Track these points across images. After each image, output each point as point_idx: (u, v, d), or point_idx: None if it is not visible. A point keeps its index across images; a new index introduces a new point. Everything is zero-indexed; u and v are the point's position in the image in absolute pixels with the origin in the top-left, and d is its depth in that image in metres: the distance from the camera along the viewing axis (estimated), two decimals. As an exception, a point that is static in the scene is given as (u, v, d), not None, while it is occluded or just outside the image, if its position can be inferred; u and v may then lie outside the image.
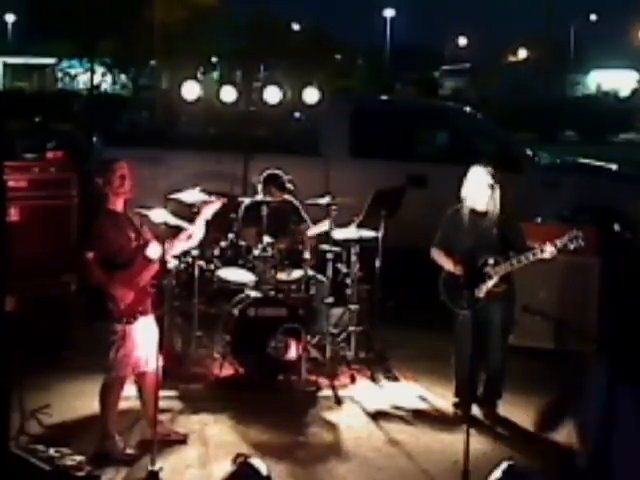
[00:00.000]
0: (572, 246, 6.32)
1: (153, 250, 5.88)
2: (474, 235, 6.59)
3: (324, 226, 7.76)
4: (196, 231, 6.03)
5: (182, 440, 6.13)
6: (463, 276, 6.51)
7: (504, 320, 6.69)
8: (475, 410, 6.64)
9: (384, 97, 19.03)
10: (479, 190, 6.61)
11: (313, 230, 7.93)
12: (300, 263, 7.64)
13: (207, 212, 6.13)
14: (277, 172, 8.15)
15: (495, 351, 6.68)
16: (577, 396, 6.00)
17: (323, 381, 7.26)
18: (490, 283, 6.49)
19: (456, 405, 6.81)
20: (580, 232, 6.33)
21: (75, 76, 49.63)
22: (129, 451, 5.87)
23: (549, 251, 6.36)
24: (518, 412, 6.85)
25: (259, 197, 8.02)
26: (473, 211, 6.63)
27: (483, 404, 6.75)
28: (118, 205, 5.92)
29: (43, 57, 51.18)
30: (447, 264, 6.64)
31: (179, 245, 6.03)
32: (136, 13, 37.35)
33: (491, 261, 6.48)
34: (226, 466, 5.29)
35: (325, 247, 7.67)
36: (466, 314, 6.52)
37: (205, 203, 6.48)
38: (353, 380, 7.37)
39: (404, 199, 8.11)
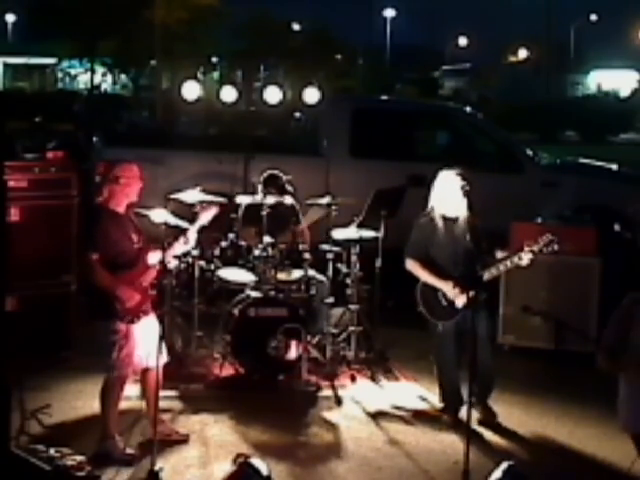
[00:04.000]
0: (547, 250, 6.23)
1: (153, 257, 5.90)
2: (449, 242, 6.50)
3: (312, 216, 7.75)
4: (191, 235, 6.04)
5: (183, 440, 6.13)
6: (454, 287, 6.42)
7: (489, 328, 6.64)
8: (462, 413, 6.55)
9: (384, 97, 19.04)
10: (452, 196, 6.50)
11: (306, 220, 7.90)
12: (300, 263, 7.64)
13: (204, 218, 6.14)
14: (277, 173, 8.15)
15: (485, 359, 6.50)
16: None
17: (323, 381, 7.26)
18: (470, 293, 6.34)
19: (443, 410, 6.76)
20: (555, 237, 6.25)
21: (75, 76, 49.79)
22: (129, 451, 5.86)
23: (526, 258, 6.28)
24: (518, 412, 6.85)
25: (259, 197, 8.01)
26: (444, 217, 6.53)
27: (480, 409, 6.66)
28: (121, 206, 5.91)
29: (43, 57, 51.31)
30: (427, 277, 6.53)
31: (177, 248, 6.05)
32: (136, 13, 37.41)
33: (470, 271, 6.37)
34: (226, 466, 5.30)
35: (325, 247, 7.68)
36: (446, 325, 6.49)
37: (202, 208, 6.48)
38: (353, 380, 7.37)
39: (404, 199, 8.11)
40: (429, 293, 6.57)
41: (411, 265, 6.63)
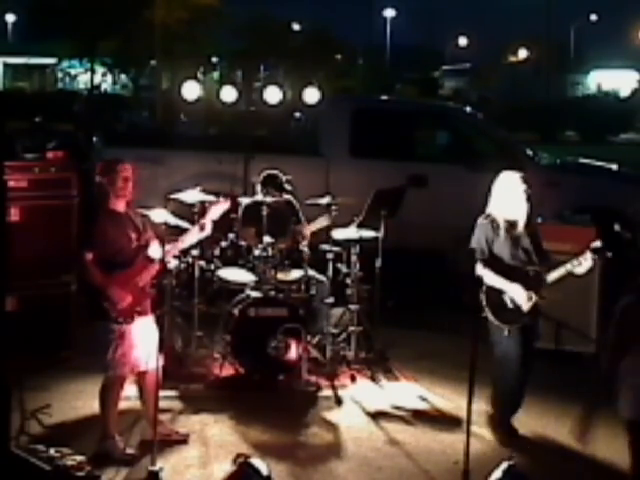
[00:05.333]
0: (608, 254, 6.11)
1: (154, 250, 5.88)
2: (512, 246, 6.31)
3: (321, 223, 7.75)
4: (207, 223, 5.99)
5: (183, 440, 6.12)
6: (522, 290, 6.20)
7: (539, 332, 6.51)
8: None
9: (384, 97, 19.03)
10: (514, 198, 6.32)
11: (311, 227, 7.91)
12: (300, 263, 7.64)
13: (215, 212, 6.11)
14: (275, 173, 8.15)
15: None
16: None
17: (323, 381, 7.26)
18: (534, 296, 6.22)
19: (492, 416, 6.52)
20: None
21: (75, 76, 49.80)
22: (129, 451, 5.87)
23: (590, 259, 6.13)
24: (518, 412, 6.84)
25: (259, 197, 8.01)
26: (504, 219, 6.34)
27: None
28: (119, 205, 5.92)
29: (43, 57, 51.34)
30: (495, 280, 6.23)
31: (187, 239, 6.01)
32: (136, 13, 37.40)
33: (532, 273, 6.23)
34: (226, 466, 5.29)
35: (325, 247, 7.68)
36: (513, 329, 6.24)
37: (212, 203, 6.46)
38: (353, 380, 7.37)
39: (404, 199, 8.11)
40: (495, 296, 6.28)
41: (483, 270, 6.26)
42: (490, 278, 6.28)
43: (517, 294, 6.24)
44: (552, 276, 6.27)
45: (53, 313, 7.41)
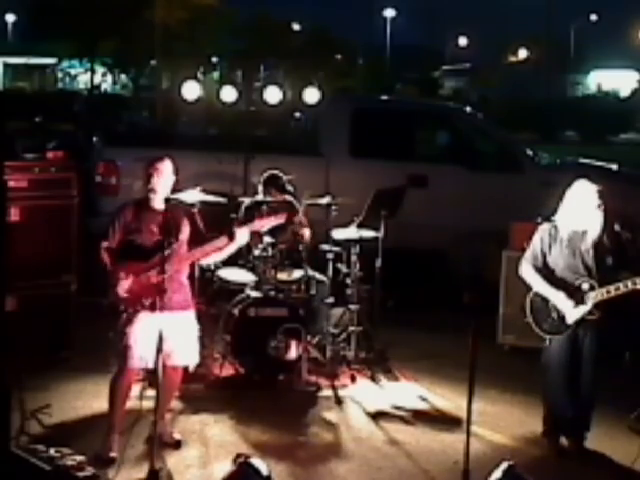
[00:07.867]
0: None
1: (242, 235, 5.97)
2: (570, 256, 6.13)
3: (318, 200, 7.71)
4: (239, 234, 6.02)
5: (175, 445, 6.06)
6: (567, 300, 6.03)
7: (595, 350, 6.11)
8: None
9: (384, 97, 19.03)
10: (584, 208, 6.14)
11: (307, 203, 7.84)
12: (300, 263, 7.64)
13: (263, 223, 6.13)
14: (277, 173, 8.15)
15: (585, 382, 6.14)
16: None
17: (323, 381, 7.25)
18: (582, 310, 6.02)
19: (544, 434, 6.35)
20: None
21: (75, 76, 49.79)
22: (128, 451, 5.85)
23: None
24: (518, 412, 6.85)
25: (259, 197, 8.00)
26: (570, 228, 6.17)
27: (570, 436, 6.28)
28: (154, 201, 5.91)
29: (43, 57, 51.35)
30: (540, 286, 6.15)
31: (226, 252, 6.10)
32: (136, 13, 37.40)
33: (585, 286, 6.01)
34: (226, 466, 5.29)
35: (325, 247, 7.68)
36: (554, 340, 6.12)
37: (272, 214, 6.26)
38: (353, 380, 7.37)
39: (404, 199, 8.10)
40: (540, 304, 6.20)
41: (526, 271, 6.26)
42: (537, 283, 6.20)
43: (560, 302, 6.08)
44: (604, 292, 5.97)
45: (53, 313, 7.41)
